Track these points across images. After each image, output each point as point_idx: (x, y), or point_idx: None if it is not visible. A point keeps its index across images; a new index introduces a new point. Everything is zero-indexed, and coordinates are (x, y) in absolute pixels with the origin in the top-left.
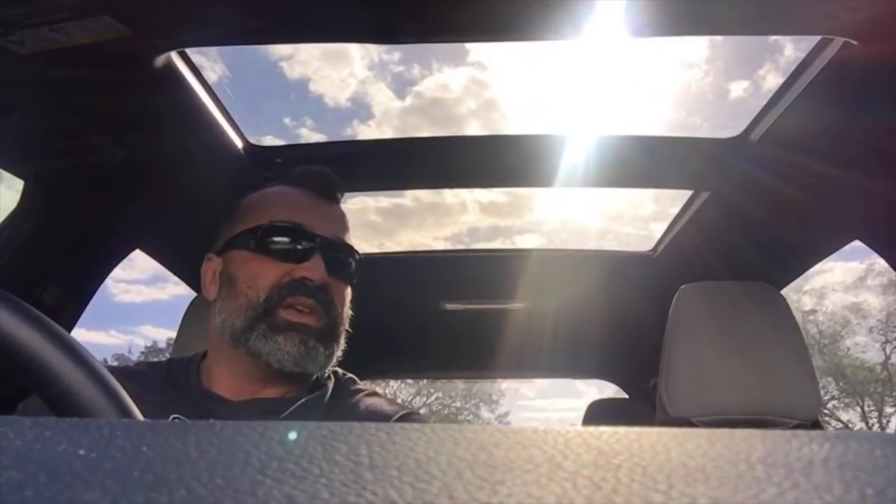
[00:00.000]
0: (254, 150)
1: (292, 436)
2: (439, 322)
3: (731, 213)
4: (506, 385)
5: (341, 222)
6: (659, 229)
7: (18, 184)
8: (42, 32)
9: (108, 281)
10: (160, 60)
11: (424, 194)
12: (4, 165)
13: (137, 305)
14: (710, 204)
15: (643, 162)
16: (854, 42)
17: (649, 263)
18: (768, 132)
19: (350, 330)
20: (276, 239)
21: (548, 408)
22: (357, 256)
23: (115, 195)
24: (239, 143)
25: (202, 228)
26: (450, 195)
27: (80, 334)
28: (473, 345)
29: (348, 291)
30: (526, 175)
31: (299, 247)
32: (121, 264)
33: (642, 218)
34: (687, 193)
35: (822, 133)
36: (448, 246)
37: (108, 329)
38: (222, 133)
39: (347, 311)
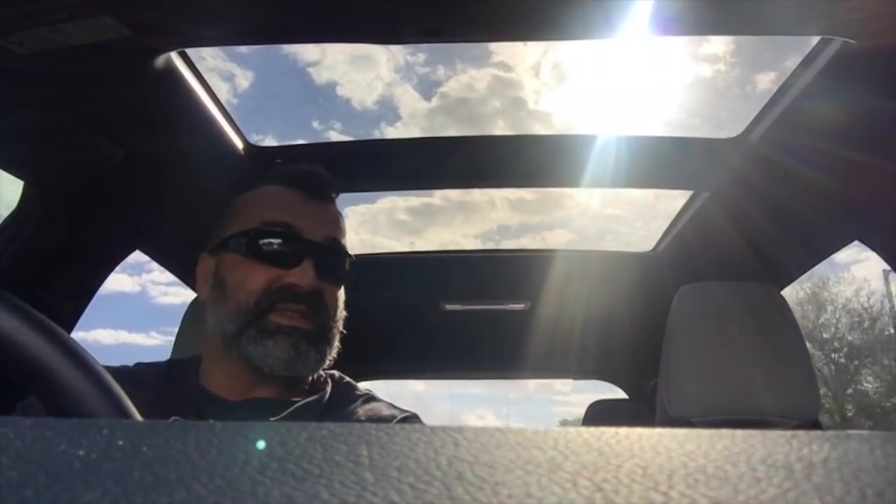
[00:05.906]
0: (254, 150)
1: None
2: (439, 322)
3: (731, 213)
4: (539, 382)
5: (334, 223)
6: (659, 229)
7: (18, 184)
8: (42, 32)
9: (147, 284)
10: (160, 60)
11: (453, 193)
12: (4, 165)
13: (177, 306)
14: (710, 204)
15: (643, 162)
16: (854, 42)
17: (649, 263)
18: (768, 132)
19: (346, 331)
20: (266, 242)
21: (584, 402)
22: (351, 258)
23: (115, 195)
24: (239, 144)
25: (202, 229)
26: (478, 193)
27: (120, 336)
28: (473, 345)
29: (341, 293)
30: (524, 175)
31: (289, 251)
32: (157, 268)
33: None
34: (687, 193)
35: (822, 133)
36: (477, 245)
37: (149, 331)
38: (222, 133)
39: (341, 313)
